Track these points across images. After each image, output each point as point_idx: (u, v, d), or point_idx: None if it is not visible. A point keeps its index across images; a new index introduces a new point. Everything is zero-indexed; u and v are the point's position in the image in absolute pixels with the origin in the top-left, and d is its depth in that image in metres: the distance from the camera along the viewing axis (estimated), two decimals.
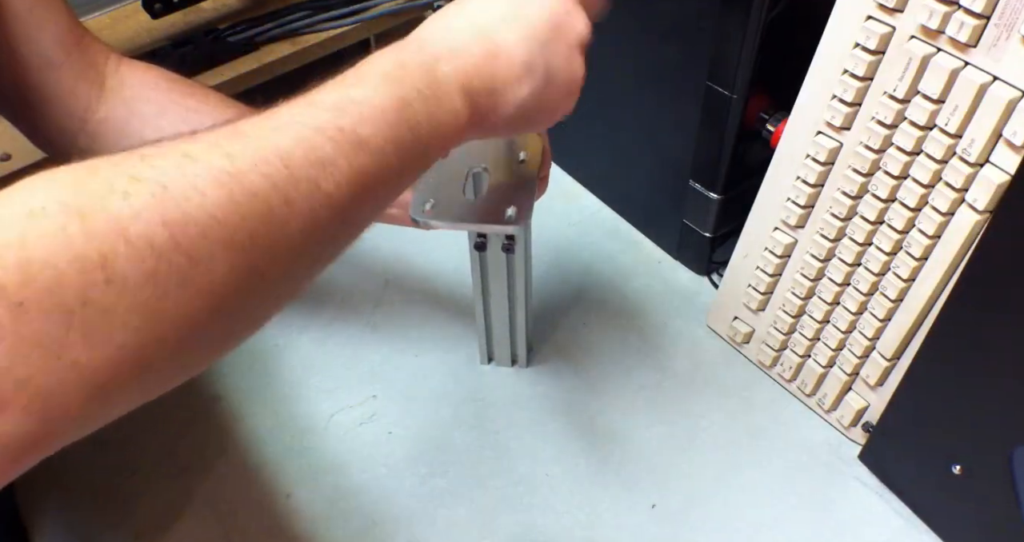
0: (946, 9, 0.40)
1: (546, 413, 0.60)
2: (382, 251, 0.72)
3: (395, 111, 0.31)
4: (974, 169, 0.42)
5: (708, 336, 0.65)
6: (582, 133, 0.72)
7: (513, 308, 0.57)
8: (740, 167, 0.60)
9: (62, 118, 0.48)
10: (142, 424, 0.59)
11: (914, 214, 0.46)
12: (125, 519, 0.55)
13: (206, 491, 0.56)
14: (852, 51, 0.45)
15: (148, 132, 0.49)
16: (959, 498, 0.50)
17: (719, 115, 0.57)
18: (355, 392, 0.62)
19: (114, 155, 0.25)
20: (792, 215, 0.53)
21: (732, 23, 0.52)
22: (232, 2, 0.81)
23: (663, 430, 0.59)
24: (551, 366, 0.63)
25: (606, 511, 0.55)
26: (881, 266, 0.50)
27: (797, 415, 0.60)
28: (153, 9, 0.74)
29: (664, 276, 0.70)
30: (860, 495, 0.55)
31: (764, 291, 0.58)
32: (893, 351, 0.52)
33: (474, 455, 0.58)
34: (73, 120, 0.48)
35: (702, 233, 0.66)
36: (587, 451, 0.58)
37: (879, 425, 0.54)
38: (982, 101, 0.40)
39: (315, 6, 0.79)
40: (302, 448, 0.58)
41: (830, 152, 0.49)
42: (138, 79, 0.50)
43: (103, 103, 0.49)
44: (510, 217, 0.46)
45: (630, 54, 0.62)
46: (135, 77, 0.50)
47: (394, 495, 0.56)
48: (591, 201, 0.76)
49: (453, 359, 0.64)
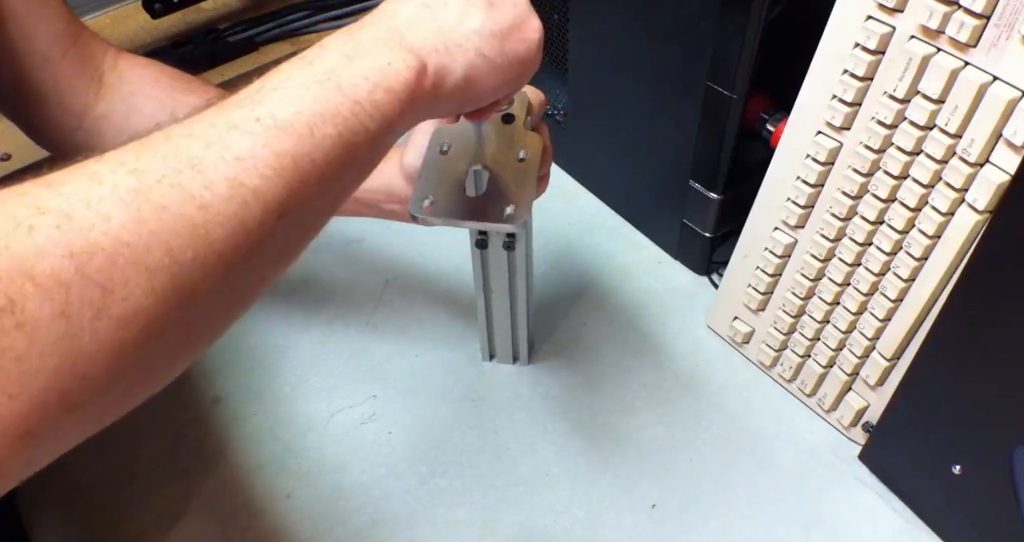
0: (946, 9, 0.40)
1: (546, 413, 0.60)
2: (382, 251, 0.72)
3: (318, 84, 0.29)
4: (974, 169, 0.42)
5: (708, 336, 0.65)
6: (582, 133, 0.72)
7: (514, 305, 0.58)
8: (740, 167, 0.60)
9: (60, 115, 0.48)
10: (142, 426, 0.59)
11: (914, 214, 0.46)
12: (126, 521, 0.55)
13: (207, 492, 0.56)
14: (852, 51, 0.45)
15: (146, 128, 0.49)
16: (959, 498, 0.50)
17: (719, 115, 0.57)
18: (355, 392, 0.62)
19: (23, 183, 0.24)
20: (792, 215, 0.53)
21: (732, 23, 0.52)
22: (232, 2, 0.81)
23: (663, 430, 0.59)
24: (551, 366, 0.63)
25: (606, 511, 0.55)
26: (881, 266, 0.50)
27: (797, 415, 0.60)
28: (153, 9, 0.74)
29: (664, 276, 0.70)
30: (860, 495, 0.55)
31: (764, 291, 0.58)
32: (893, 351, 0.52)
33: (474, 455, 0.58)
34: (71, 116, 0.48)
35: (702, 233, 0.66)
36: (587, 451, 0.58)
37: (879, 425, 0.54)
38: (982, 101, 0.40)
39: (315, 6, 0.79)
40: (302, 448, 0.58)
41: (830, 152, 0.49)
42: (138, 75, 0.50)
43: (101, 99, 0.49)
44: (509, 215, 0.46)
45: (630, 54, 0.62)
46: (135, 73, 0.50)
47: (394, 495, 0.56)
48: (591, 201, 0.76)
49: (453, 359, 0.64)
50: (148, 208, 0.24)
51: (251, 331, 0.66)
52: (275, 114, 0.28)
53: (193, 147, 0.26)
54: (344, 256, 0.72)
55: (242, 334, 0.66)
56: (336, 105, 0.29)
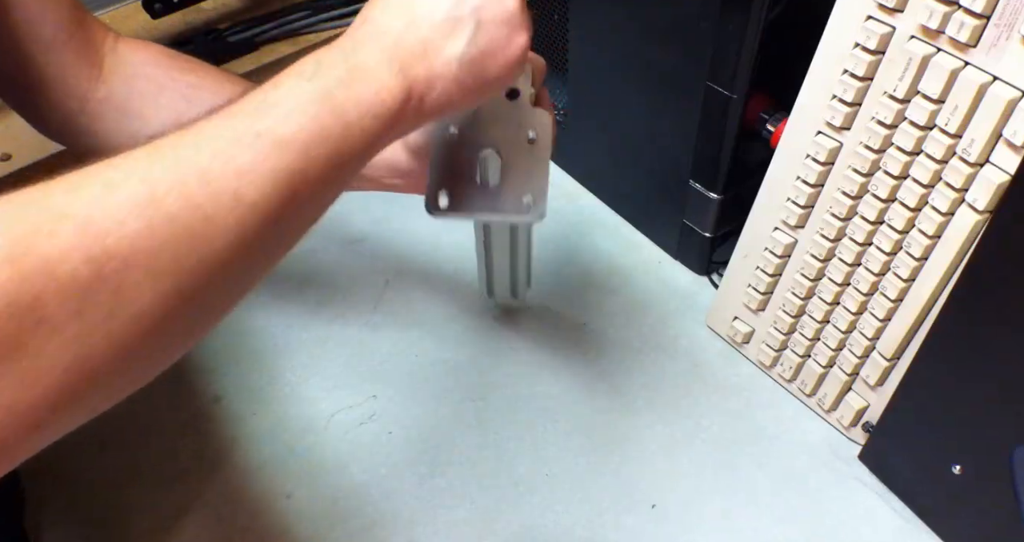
0: (946, 9, 0.40)
1: (546, 413, 0.60)
2: (382, 251, 0.72)
3: (314, 103, 0.31)
4: (974, 169, 0.42)
5: (708, 336, 0.65)
6: (582, 133, 0.72)
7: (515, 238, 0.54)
8: (740, 167, 0.60)
9: (63, 99, 0.48)
10: (143, 426, 0.59)
11: (914, 214, 0.46)
12: (126, 521, 0.55)
13: (207, 492, 0.56)
14: (852, 51, 0.45)
15: (148, 110, 0.49)
16: (959, 498, 0.50)
17: (719, 115, 0.57)
18: (355, 392, 0.62)
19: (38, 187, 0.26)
20: (792, 215, 0.53)
21: (732, 23, 0.52)
22: (232, 2, 0.81)
23: (663, 430, 0.59)
24: (551, 366, 0.63)
25: (606, 511, 0.55)
26: (881, 266, 0.50)
27: (797, 415, 0.60)
28: (153, 9, 0.74)
29: (664, 276, 0.70)
30: (860, 495, 0.55)
31: (764, 291, 0.58)
32: (893, 351, 0.52)
33: (474, 455, 0.58)
34: (73, 101, 0.48)
35: (702, 233, 0.66)
36: (587, 451, 0.58)
37: (879, 425, 0.54)
38: (982, 101, 0.40)
39: (315, 6, 0.79)
40: (302, 448, 0.58)
41: (830, 152, 0.49)
42: (138, 57, 0.50)
43: (103, 83, 0.49)
44: (528, 206, 0.44)
45: (630, 54, 0.62)
46: (134, 55, 0.50)
47: (394, 495, 0.56)
48: (591, 201, 0.76)
49: (453, 359, 0.64)
50: (159, 217, 0.26)
51: (251, 331, 0.66)
52: (275, 131, 0.30)
53: (199, 158, 0.28)
54: (344, 256, 0.72)
55: (242, 334, 0.66)
56: (330, 126, 0.31)
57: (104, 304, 0.24)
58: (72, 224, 0.24)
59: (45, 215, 0.24)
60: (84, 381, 0.25)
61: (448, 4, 0.36)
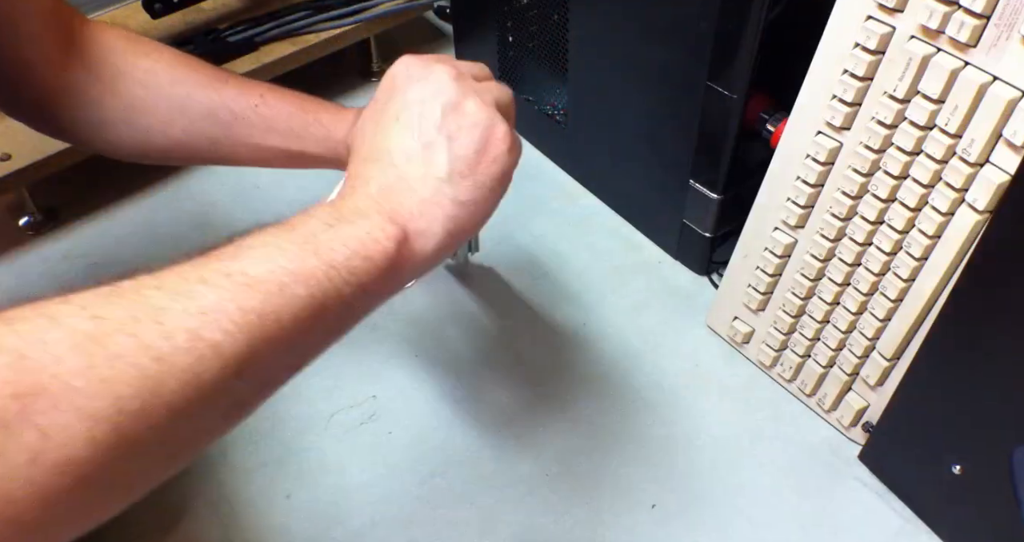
0: (946, 9, 0.40)
1: (546, 413, 0.60)
2: None
3: (294, 244, 0.30)
4: (974, 169, 0.42)
5: (708, 336, 0.65)
6: (582, 133, 0.72)
7: None
8: (740, 167, 0.60)
9: (36, 88, 0.48)
10: None
11: (914, 214, 0.46)
12: (126, 521, 0.55)
13: (206, 492, 0.56)
14: (852, 51, 0.45)
15: (107, 98, 0.49)
16: (959, 498, 0.50)
17: (719, 115, 0.57)
18: (355, 392, 0.62)
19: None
20: (792, 215, 0.53)
21: (732, 23, 0.52)
22: (232, 2, 0.81)
23: (663, 430, 0.59)
24: (551, 367, 0.63)
25: (606, 511, 0.55)
26: (881, 266, 0.50)
27: (797, 415, 0.60)
28: (153, 9, 0.74)
29: (664, 276, 0.70)
30: (860, 495, 0.55)
31: (764, 291, 0.58)
32: (893, 351, 0.52)
33: (474, 455, 0.58)
34: (45, 90, 0.48)
35: (702, 233, 0.66)
36: (587, 451, 0.58)
37: (879, 425, 0.54)
38: (982, 101, 0.40)
39: (315, 6, 0.79)
40: (302, 448, 0.58)
41: (830, 152, 0.49)
42: (97, 44, 0.49)
43: (69, 71, 0.48)
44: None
45: (630, 54, 0.62)
46: (96, 42, 0.49)
47: (394, 495, 0.56)
48: (591, 201, 0.76)
49: (453, 359, 0.64)
50: (101, 355, 0.24)
51: None
52: (247, 270, 0.28)
53: (158, 298, 0.26)
54: None
55: None
56: (311, 267, 0.30)
57: (28, 447, 0.22)
58: (5, 357, 0.23)
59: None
60: (5, 525, 0.22)
61: (414, 134, 0.36)
